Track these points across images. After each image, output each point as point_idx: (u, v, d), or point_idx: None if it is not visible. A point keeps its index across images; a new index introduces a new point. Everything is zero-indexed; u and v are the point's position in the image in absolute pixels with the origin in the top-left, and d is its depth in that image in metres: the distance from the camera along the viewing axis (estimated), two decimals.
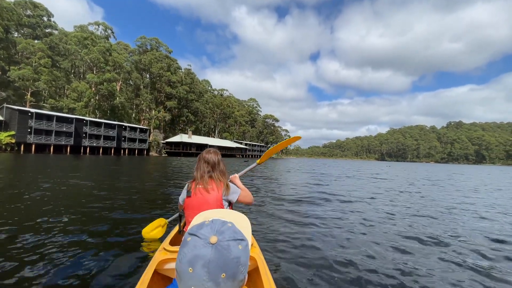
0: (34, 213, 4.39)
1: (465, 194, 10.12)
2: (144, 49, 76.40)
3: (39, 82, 48.40)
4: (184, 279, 0.60)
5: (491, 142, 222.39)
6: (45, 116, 39.95)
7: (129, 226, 3.88)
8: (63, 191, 6.72)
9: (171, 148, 67.76)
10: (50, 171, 12.15)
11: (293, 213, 5.36)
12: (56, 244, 3.00)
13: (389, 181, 15.18)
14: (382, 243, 3.65)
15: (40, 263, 2.51)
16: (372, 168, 38.27)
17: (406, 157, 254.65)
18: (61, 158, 26.75)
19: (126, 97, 66.78)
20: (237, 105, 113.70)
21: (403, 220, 5.13)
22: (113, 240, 3.25)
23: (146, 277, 1.41)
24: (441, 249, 3.53)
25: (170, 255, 1.65)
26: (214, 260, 0.59)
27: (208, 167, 2.05)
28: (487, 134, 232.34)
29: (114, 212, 4.74)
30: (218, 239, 0.62)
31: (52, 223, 3.83)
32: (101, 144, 48.59)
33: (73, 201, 5.61)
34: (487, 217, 5.74)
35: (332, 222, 4.76)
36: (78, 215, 4.38)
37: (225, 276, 0.59)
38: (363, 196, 8.38)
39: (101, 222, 4.02)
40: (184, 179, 11.91)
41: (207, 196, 1.94)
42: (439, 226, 4.76)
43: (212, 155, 2.11)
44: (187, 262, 0.60)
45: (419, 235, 4.08)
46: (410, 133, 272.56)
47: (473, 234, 4.32)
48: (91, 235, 3.40)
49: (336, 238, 3.82)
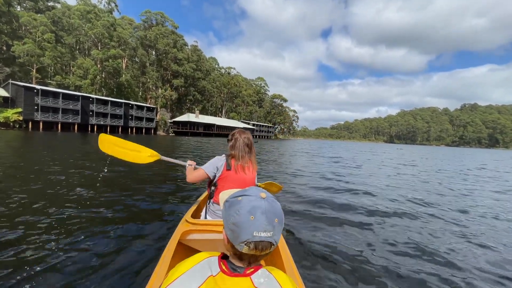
0: (69, 186, 4.87)
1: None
2: (149, 24, 73.69)
3: (44, 57, 47.37)
4: (245, 226, 0.70)
5: (506, 126, 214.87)
6: (51, 93, 39.38)
7: (153, 203, 4.17)
8: (80, 172, 6.63)
9: (179, 127, 67.21)
10: (66, 150, 11.54)
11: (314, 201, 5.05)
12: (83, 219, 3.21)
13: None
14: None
15: (66, 235, 2.69)
16: (387, 152, 37.07)
17: (415, 140, 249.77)
18: (70, 136, 26.40)
19: (132, 75, 65.45)
20: (244, 84, 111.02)
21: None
22: (138, 214, 3.54)
23: (171, 247, 1.51)
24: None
25: (192, 227, 1.76)
26: (269, 209, 0.72)
27: (247, 148, 2.13)
28: (503, 117, 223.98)
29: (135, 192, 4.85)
30: (267, 195, 0.76)
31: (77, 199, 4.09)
32: (108, 122, 48.26)
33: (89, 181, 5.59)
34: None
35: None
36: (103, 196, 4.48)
37: (277, 221, 0.73)
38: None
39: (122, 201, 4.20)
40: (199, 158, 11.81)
41: (245, 174, 2.08)
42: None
43: (249, 136, 2.18)
44: (248, 213, 0.71)
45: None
46: (421, 115, 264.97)
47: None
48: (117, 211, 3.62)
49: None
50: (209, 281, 0.67)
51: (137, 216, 3.44)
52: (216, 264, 0.73)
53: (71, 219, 3.15)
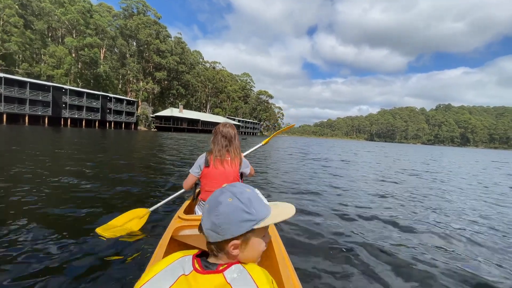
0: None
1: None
2: (130, 12, 69.52)
3: (10, 43, 42.91)
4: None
5: (476, 126, 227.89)
6: (17, 82, 35.54)
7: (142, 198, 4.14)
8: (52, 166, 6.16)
9: (161, 122, 64.03)
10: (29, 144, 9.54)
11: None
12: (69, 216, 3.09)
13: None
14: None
15: (56, 232, 2.58)
16: (374, 151, 37.06)
17: (394, 138, 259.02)
18: (37, 130, 23.64)
19: (111, 66, 61.42)
20: (229, 80, 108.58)
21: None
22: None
23: (164, 243, 1.51)
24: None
25: (184, 223, 1.75)
26: (210, 198, 0.80)
27: (226, 141, 2.09)
28: (474, 118, 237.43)
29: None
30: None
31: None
32: (84, 116, 44.72)
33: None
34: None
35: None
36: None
37: (208, 206, 0.77)
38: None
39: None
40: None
41: (225, 168, 2.05)
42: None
43: (229, 129, 2.13)
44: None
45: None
46: (400, 114, 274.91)
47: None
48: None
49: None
50: (180, 280, 0.67)
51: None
52: (190, 263, 0.72)
53: (61, 216, 3.08)
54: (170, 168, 7.29)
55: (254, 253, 0.76)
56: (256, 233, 0.74)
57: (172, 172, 6.63)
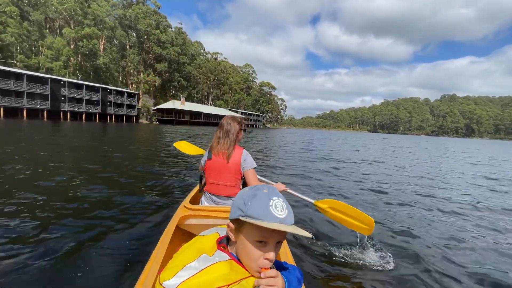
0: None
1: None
2: (128, 2, 67.45)
3: (6, 34, 41.58)
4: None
5: (482, 116, 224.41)
6: (14, 75, 34.39)
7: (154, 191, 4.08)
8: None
9: (163, 115, 62.92)
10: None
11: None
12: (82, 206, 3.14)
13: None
14: None
15: (62, 227, 2.55)
16: (382, 144, 35.95)
17: (397, 129, 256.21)
18: (37, 124, 22.71)
19: (110, 58, 59.92)
20: (231, 71, 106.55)
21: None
22: (136, 201, 3.45)
23: (169, 232, 1.55)
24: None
25: (190, 212, 1.79)
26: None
27: (224, 133, 2.10)
28: (479, 108, 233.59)
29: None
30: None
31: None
32: (84, 109, 43.67)
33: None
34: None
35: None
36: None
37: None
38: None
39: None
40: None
41: (225, 160, 2.04)
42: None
43: (232, 122, 2.14)
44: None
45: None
46: (403, 105, 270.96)
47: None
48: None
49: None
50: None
51: (137, 201, 3.43)
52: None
53: (71, 203, 3.13)
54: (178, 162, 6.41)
55: (244, 252, 0.73)
56: (247, 228, 0.73)
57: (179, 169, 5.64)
